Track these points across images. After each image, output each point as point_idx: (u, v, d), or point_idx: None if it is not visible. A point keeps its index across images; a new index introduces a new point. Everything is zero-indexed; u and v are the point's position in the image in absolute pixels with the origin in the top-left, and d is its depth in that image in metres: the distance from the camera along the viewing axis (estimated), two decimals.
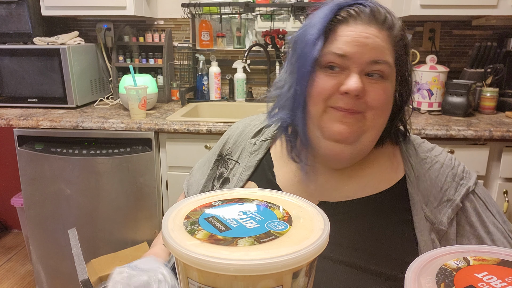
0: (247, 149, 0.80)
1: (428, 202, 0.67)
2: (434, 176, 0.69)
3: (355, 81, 0.60)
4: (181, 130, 1.66)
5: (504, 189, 1.63)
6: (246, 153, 0.79)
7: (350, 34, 0.62)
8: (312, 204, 0.46)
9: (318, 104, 0.63)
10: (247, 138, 0.81)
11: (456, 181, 0.69)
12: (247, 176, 0.76)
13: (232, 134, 0.84)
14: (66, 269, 1.89)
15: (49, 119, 1.72)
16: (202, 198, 0.47)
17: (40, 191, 1.80)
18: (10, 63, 1.91)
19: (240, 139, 0.82)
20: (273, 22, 2.16)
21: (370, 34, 0.62)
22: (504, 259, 0.36)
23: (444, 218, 0.66)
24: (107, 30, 2.21)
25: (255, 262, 0.34)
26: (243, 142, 0.81)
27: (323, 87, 0.63)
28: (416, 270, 0.35)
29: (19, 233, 2.65)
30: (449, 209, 0.66)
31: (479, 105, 1.88)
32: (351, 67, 0.62)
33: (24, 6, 1.94)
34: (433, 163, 0.71)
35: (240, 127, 0.85)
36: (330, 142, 0.64)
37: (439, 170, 0.70)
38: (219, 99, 2.18)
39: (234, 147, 0.82)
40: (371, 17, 0.63)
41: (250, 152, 0.79)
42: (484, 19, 1.94)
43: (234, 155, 0.81)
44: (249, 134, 0.82)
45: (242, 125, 0.85)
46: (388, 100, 0.64)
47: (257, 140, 0.80)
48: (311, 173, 0.71)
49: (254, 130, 0.82)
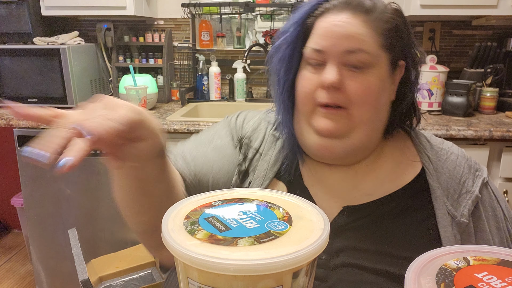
0: (271, 141, 0.73)
1: (448, 195, 0.65)
2: (452, 168, 0.67)
3: (329, 73, 0.59)
4: (181, 130, 1.66)
5: (504, 189, 1.63)
6: (270, 144, 0.73)
7: (323, 26, 0.61)
8: (312, 204, 0.46)
9: (306, 103, 0.63)
10: (268, 129, 0.75)
11: (472, 172, 0.67)
12: (273, 174, 0.70)
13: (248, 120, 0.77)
14: (66, 269, 1.89)
15: None
16: (202, 198, 0.47)
17: (40, 191, 1.80)
18: (10, 63, 1.91)
19: (260, 127, 0.75)
20: (273, 22, 2.16)
21: (341, 21, 0.59)
22: (504, 259, 0.36)
23: (465, 211, 0.64)
24: (107, 30, 2.21)
25: (255, 262, 0.34)
26: (264, 131, 0.74)
27: (307, 85, 0.63)
28: (416, 270, 0.35)
29: (19, 233, 2.65)
30: (469, 200, 0.64)
31: (479, 105, 1.88)
32: (328, 59, 0.60)
33: (24, 6, 1.94)
34: (448, 155, 0.69)
35: (256, 116, 0.78)
36: (320, 137, 0.63)
37: (456, 162, 0.68)
38: (219, 99, 2.18)
39: (254, 133, 0.75)
40: (344, 4, 0.61)
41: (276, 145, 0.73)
42: (484, 19, 1.94)
43: (254, 142, 0.74)
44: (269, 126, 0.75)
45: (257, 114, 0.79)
46: (372, 91, 0.60)
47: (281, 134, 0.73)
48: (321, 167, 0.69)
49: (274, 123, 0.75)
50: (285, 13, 2.14)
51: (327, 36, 0.60)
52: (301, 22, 0.63)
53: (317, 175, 0.70)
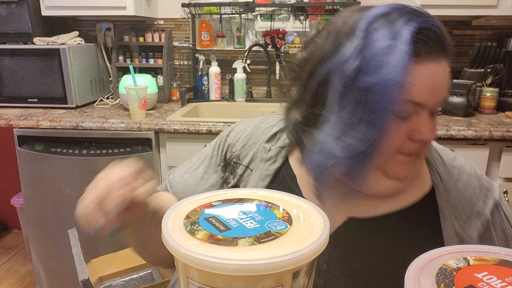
0: (261, 155, 0.71)
1: (457, 216, 0.63)
2: (463, 188, 0.64)
3: (431, 130, 0.56)
4: (181, 130, 1.66)
5: (504, 189, 1.63)
6: (260, 159, 0.71)
7: (425, 77, 0.53)
8: (312, 204, 0.46)
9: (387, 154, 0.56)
10: (260, 141, 0.73)
11: (483, 192, 0.65)
12: (264, 186, 0.69)
13: (239, 136, 0.75)
14: (66, 269, 1.89)
15: (49, 119, 1.72)
16: (202, 198, 0.47)
17: (40, 191, 1.80)
18: (10, 63, 1.91)
19: (250, 142, 0.73)
20: (273, 22, 2.16)
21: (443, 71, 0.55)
22: (504, 259, 0.36)
23: (474, 233, 0.62)
24: (107, 30, 2.21)
25: (255, 262, 0.34)
26: (254, 146, 0.73)
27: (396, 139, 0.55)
28: (416, 270, 0.35)
29: (19, 233, 2.65)
30: (479, 223, 0.63)
31: (479, 105, 1.88)
32: (423, 112, 0.55)
33: (24, 6, 1.94)
34: (460, 174, 0.66)
35: (248, 128, 0.75)
36: (391, 181, 0.59)
37: (467, 181, 0.65)
38: (219, 99, 2.18)
39: (243, 150, 0.73)
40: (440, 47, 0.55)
41: (266, 158, 0.71)
42: (484, 19, 1.94)
43: (243, 159, 0.73)
44: (261, 138, 0.73)
45: (250, 126, 0.76)
46: None
47: (272, 146, 0.72)
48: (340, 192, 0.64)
49: (268, 134, 0.73)
50: (285, 13, 2.14)
51: (431, 89, 0.54)
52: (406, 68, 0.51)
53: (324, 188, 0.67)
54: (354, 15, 0.56)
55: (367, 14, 0.54)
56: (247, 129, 0.76)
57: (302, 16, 2.09)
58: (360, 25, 0.53)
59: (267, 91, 2.20)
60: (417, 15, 0.53)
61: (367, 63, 0.52)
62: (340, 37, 0.55)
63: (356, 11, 0.57)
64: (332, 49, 0.55)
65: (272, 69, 2.18)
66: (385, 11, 0.53)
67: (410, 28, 0.51)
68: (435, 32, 0.54)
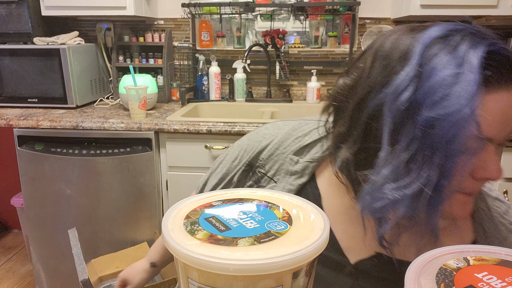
0: (287, 167, 0.66)
1: None
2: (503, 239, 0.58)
3: (497, 166, 0.49)
4: (181, 130, 1.66)
5: (504, 189, 1.63)
6: (285, 172, 0.66)
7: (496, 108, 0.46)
8: (312, 204, 0.46)
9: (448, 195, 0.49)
10: (287, 152, 0.67)
11: None
12: None
13: (268, 144, 0.69)
14: (66, 269, 1.89)
15: (49, 119, 1.72)
16: (202, 198, 0.47)
17: (40, 191, 1.80)
18: (10, 63, 1.91)
19: (278, 152, 0.68)
20: (273, 22, 2.16)
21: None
22: (504, 259, 0.36)
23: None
24: (107, 30, 2.21)
25: (255, 262, 0.34)
26: (281, 156, 0.67)
27: (458, 178, 0.48)
28: (416, 270, 0.35)
29: (19, 233, 2.65)
30: None
31: None
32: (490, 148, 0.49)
33: (24, 6, 1.94)
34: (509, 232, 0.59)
35: (278, 135, 0.69)
36: (443, 221, 0.55)
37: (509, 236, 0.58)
38: (219, 99, 2.18)
39: (269, 160, 0.68)
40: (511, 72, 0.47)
41: (291, 172, 0.66)
42: (484, 19, 1.94)
43: (269, 170, 0.68)
44: (290, 148, 0.67)
45: (281, 133, 0.69)
46: None
47: (300, 159, 0.66)
48: None
49: (298, 145, 0.67)
50: (285, 13, 2.14)
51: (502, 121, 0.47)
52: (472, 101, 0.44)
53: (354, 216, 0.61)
54: (405, 37, 0.49)
55: (423, 37, 0.47)
56: (278, 136, 0.69)
57: (302, 16, 2.09)
58: (415, 49, 0.46)
59: (267, 91, 2.20)
60: (482, 37, 0.47)
61: (428, 94, 0.45)
62: (391, 63, 0.48)
63: (407, 33, 0.50)
64: (382, 77, 0.48)
65: (272, 69, 2.18)
66: (444, 32, 0.47)
67: (478, 53, 0.45)
68: (505, 56, 0.47)
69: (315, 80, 2.13)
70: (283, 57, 2.14)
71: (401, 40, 0.49)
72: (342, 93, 0.54)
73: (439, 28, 0.48)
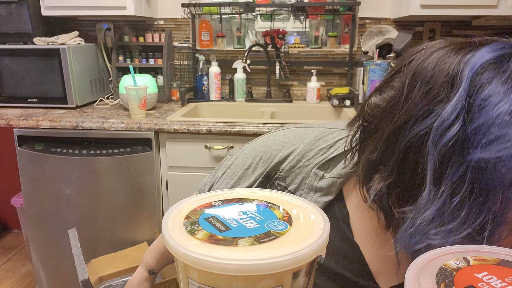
0: (311, 182, 0.60)
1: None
2: None
3: None
4: (181, 130, 1.66)
5: None
6: (309, 187, 0.60)
7: None
8: (312, 204, 0.46)
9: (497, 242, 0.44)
10: (311, 164, 0.60)
11: None
12: None
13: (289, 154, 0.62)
14: (66, 269, 1.89)
15: (49, 119, 1.72)
16: (202, 198, 0.47)
17: (40, 191, 1.80)
18: (10, 63, 1.91)
19: (300, 164, 0.61)
20: (273, 22, 2.16)
21: None
22: (504, 259, 0.36)
23: None
24: (107, 30, 2.21)
25: (255, 262, 0.34)
26: (304, 170, 0.61)
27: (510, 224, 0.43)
28: (416, 270, 0.35)
29: (19, 233, 2.65)
30: None
31: None
32: None
33: (24, 6, 1.94)
34: None
35: (301, 145, 0.62)
36: None
37: None
38: (219, 99, 2.18)
39: (291, 173, 0.61)
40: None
41: (316, 188, 0.60)
42: (484, 19, 1.94)
43: (289, 183, 0.62)
44: (313, 161, 0.61)
45: (303, 143, 0.62)
46: None
47: (325, 173, 0.60)
48: None
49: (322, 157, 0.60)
50: (285, 13, 2.14)
51: None
52: None
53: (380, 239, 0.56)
54: (451, 58, 0.43)
55: (472, 60, 0.41)
56: (300, 146, 0.62)
57: (302, 16, 2.09)
58: (464, 74, 0.41)
59: (267, 91, 2.20)
60: None
61: (480, 131, 0.39)
62: (434, 89, 0.42)
63: (452, 52, 0.44)
64: (423, 105, 0.42)
65: (272, 69, 2.18)
66: (496, 54, 0.42)
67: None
68: None
69: (315, 80, 2.13)
70: (283, 57, 2.14)
71: (446, 61, 0.43)
72: (374, 114, 0.49)
73: (490, 49, 0.42)
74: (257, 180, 0.64)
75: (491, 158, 0.38)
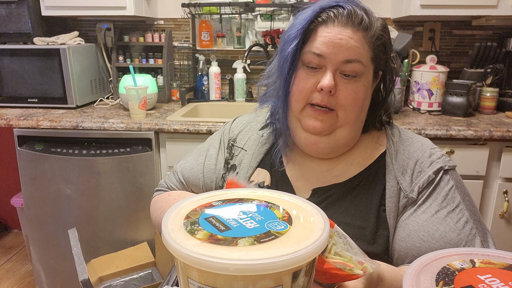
0: (255, 139, 0.86)
1: (404, 172, 0.74)
2: (413, 151, 0.76)
3: (328, 79, 0.68)
4: (181, 130, 1.65)
5: (504, 189, 1.63)
6: (254, 142, 0.86)
7: (327, 35, 0.68)
8: (312, 204, 0.46)
9: (299, 101, 0.72)
10: (254, 129, 0.88)
11: (432, 158, 0.74)
12: (256, 163, 0.83)
13: (237, 124, 0.92)
14: (66, 269, 1.89)
15: (49, 119, 1.72)
16: (202, 198, 0.47)
17: (40, 191, 1.80)
18: (10, 63, 1.90)
19: (246, 129, 0.89)
20: (273, 22, 2.16)
21: (344, 36, 0.68)
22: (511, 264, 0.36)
23: (415, 187, 0.72)
24: (107, 30, 2.21)
25: (255, 262, 0.34)
26: (249, 132, 0.88)
27: (303, 85, 0.71)
28: (417, 268, 0.35)
29: (19, 233, 2.65)
30: (421, 179, 0.72)
31: (479, 105, 1.88)
32: (327, 65, 0.69)
33: (24, 6, 1.94)
34: (413, 142, 0.77)
35: (245, 120, 0.92)
36: (307, 134, 0.73)
37: (418, 147, 0.76)
38: (219, 99, 2.18)
39: (240, 135, 0.89)
40: (348, 19, 0.69)
41: (259, 142, 0.86)
42: (484, 19, 1.94)
43: (240, 142, 0.88)
44: (256, 126, 0.89)
45: (247, 118, 0.92)
46: (359, 98, 0.71)
47: (264, 132, 0.87)
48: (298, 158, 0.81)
49: (262, 124, 0.89)
50: (285, 13, 2.14)
51: (330, 44, 0.68)
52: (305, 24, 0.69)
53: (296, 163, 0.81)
54: None
55: None
56: (244, 120, 0.92)
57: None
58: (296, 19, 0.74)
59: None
60: None
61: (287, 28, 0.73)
62: None
63: None
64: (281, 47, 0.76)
65: None
66: None
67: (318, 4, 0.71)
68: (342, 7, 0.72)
69: None
70: None
71: None
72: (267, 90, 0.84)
73: None
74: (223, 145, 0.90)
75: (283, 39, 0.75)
